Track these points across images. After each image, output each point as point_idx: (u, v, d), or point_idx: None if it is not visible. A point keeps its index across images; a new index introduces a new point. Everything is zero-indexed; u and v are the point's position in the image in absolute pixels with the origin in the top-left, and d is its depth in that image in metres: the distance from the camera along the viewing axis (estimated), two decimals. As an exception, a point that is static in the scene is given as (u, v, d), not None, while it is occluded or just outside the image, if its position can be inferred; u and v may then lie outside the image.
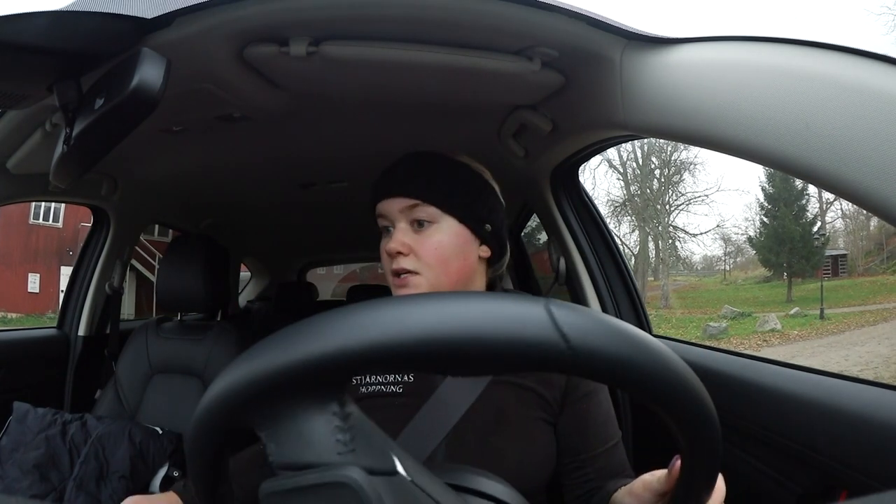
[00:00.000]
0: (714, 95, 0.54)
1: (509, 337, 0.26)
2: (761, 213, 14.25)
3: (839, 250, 13.69)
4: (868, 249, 13.93)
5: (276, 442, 0.30)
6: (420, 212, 0.66)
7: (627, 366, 0.27)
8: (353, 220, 2.17)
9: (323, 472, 0.28)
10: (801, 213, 13.93)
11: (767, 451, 0.69)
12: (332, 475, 0.28)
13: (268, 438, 0.30)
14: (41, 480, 1.00)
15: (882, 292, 11.37)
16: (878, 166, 0.40)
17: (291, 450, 0.29)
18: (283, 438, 0.30)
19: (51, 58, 0.57)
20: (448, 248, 0.66)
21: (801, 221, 13.79)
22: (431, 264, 0.65)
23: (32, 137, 0.93)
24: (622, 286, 1.21)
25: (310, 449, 0.29)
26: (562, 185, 1.20)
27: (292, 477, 0.29)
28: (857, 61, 0.44)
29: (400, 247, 0.66)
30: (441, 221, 0.67)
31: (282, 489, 0.29)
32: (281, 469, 0.30)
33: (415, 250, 0.66)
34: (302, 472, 0.29)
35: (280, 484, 0.29)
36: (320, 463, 0.29)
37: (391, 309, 0.28)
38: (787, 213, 13.72)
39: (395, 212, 0.68)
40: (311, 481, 0.28)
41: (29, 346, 1.43)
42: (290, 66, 0.76)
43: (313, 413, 0.30)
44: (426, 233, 0.66)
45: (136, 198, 1.48)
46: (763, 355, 0.93)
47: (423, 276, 0.65)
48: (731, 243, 15.50)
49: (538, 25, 0.66)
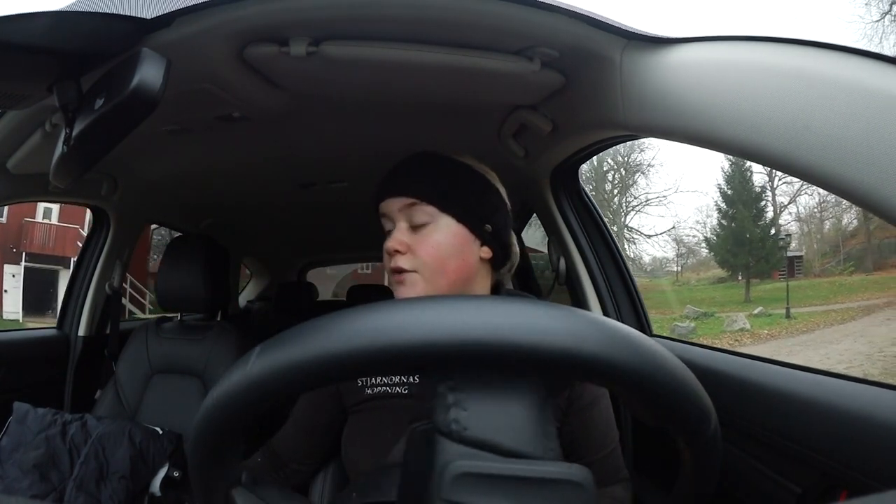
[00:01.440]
0: (714, 95, 0.54)
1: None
2: (719, 214, 14.67)
3: (794, 252, 14.09)
4: (823, 251, 14.32)
5: (472, 411, 0.29)
6: (418, 211, 0.66)
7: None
8: (353, 220, 2.17)
9: (542, 466, 0.27)
10: (759, 215, 14.33)
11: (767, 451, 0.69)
12: (561, 472, 0.27)
13: (459, 400, 0.29)
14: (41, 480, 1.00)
15: (842, 292, 11.65)
16: (878, 166, 0.40)
17: (495, 428, 0.28)
18: (483, 412, 0.29)
19: (51, 58, 0.57)
20: (445, 248, 0.66)
21: (760, 223, 14.18)
22: (428, 263, 0.65)
23: (32, 137, 0.93)
24: (622, 286, 1.21)
25: (517, 435, 0.28)
26: (562, 185, 1.20)
27: (499, 461, 0.27)
28: (857, 61, 0.44)
29: (398, 245, 0.66)
30: (439, 221, 0.66)
31: (489, 473, 0.27)
32: (469, 443, 0.28)
33: (413, 249, 0.66)
34: (505, 458, 0.28)
35: (490, 467, 0.27)
36: (528, 455, 0.28)
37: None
38: (747, 214, 14.07)
39: (395, 211, 0.68)
40: (536, 474, 0.27)
41: (29, 346, 1.43)
42: (290, 66, 0.76)
43: (532, 400, 0.29)
44: (424, 232, 0.66)
45: (136, 198, 1.48)
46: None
47: (420, 275, 0.66)
48: (684, 245, 15.98)
49: (538, 25, 0.66)
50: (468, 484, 0.27)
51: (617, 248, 1.23)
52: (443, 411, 0.29)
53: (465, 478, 0.27)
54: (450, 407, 0.29)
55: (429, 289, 0.65)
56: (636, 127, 0.69)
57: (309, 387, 0.29)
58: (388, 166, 0.72)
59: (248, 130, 1.07)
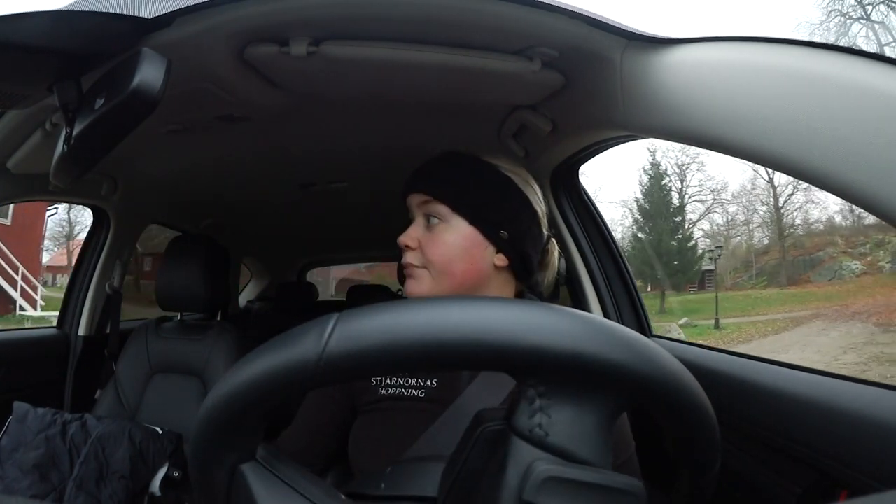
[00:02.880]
0: (714, 96, 0.54)
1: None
2: (636, 226, 15.43)
3: (706, 266, 14.77)
4: (734, 266, 15.16)
5: (555, 418, 0.30)
6: (431, 208, 0.66)
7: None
8: (354, 220, 2.17)
9: (609, 475, 0.29)
10: (676, 228, 15.12)
11: (767, 451, 0.69)
12: (619, 481, 0.29)
13: (544, 406, 0.30)
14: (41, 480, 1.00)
15: (759, 305, 12.31)
16: (878, 167, 0.40)
17: (573, 436, 0.30)
18: (564, 420, 0.30)
19: (51, 58, 0.57)
20: (453, 249, 0.65)
21: (677, 236, 14.92)
22: (434, 262, 0.65)
23: (32, 137, 0.93)
24: (622, 287, 1.21)
25: (590, 445, 0.30)
26: (562, 186, 1.20)
27: (579, 468, 0.29)
28: (857, 62, 0.44)
29: (409, 241, 0.67)
30: (451, 221, 0.65)
31: (572, 479, 0.29)
32: (549, 450, 0.30)
33: (423, 246, 0.66)
34: (581, 466, 0.29)
35: (569, 472, 0.29)
36: (596, 464, 0.30)
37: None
38: (665, 227, 14.79)
39: (414, 206, 0.69)
40: (600, 481, 0.29)
41: (29, 346, 1.43)
42: (290, 66, 0.76)
43: (607, 413, 0.31)
44: (435, 230, 0.66)
45: (136, 198, 1.48)
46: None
47: (427, 272, 0.66)
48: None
49: (538, 25, 0.66)
50: (553, 488, 0.28)
51: (617, 248, 1.23)
52: (526, 415, 0.31)
53: (551, 482, 0.28)
54: (535, 412, 0.30)
55: (435, 287, 0.65)
56: (636, 127, 0.69)
57: (406, 369, 0.30)
58: (389, 166, 0.72)
59: (249, 130, 1.07)
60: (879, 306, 10.27)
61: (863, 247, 13.60)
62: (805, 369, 0.70)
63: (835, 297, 11.68)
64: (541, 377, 0.31)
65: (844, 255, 13.52)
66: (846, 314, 10.37)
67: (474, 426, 0.34)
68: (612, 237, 1.23)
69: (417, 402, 0.64)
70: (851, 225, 14.61)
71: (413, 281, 0.67)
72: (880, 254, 13.09)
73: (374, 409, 0.66)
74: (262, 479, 0.32)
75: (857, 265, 13.12)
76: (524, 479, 0.29)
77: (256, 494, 0.32)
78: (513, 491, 0.29)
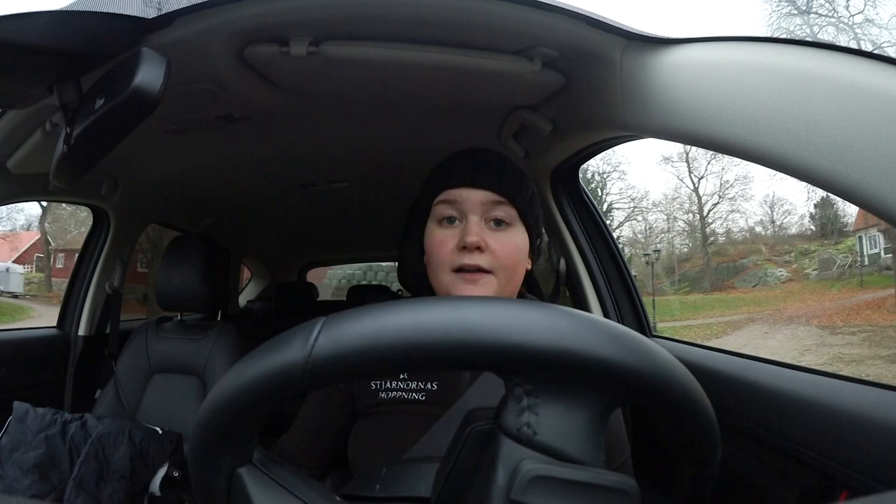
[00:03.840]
0: (714, 95, 0.54)
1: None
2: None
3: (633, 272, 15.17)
4: (656, 273, 15.48)
5: (543, 417, 0.30)
6: (502, 211, 0.63)
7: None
8: (354, 220, 2.16)
9: (601, 474, 0.29)
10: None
11: (767, 451, 0.69)
12: (610, 479, 0.28)
13: (532, 405, 0.30)
14: (41, 480, 1.00)
15: (688, 310, 12.78)
16: (878, 166, 0.40)
17: (562, 434, 0.30)
18: (553, 418, 0.30)
19: (51, 58, 0.57)
20: (520, 253, 0.64)
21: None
22: (507, 266, 0.62)
23: (32, 137, 0.93)
24: (622, 287, 1.21)
25: (580, 443, 0.30)
26: (562, 186, 1.20)
27: (567, 467, 0.29)
28: (857, 61, 0.44)
29: (480, 242, 0.61)
30: (517, 226, 0.65)
31: (560, 478, 0.28)
32: (537, 448, 0.29)
33: (491, 248, 0.62)
34: (569, 464, 0.29)
35: (557, 471, 0.29)
36: (587, 463, 0.29)
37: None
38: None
39: (476, 203, 0.63)
40: (590, 479, 0.28)
41: (29, 346, 1.43)
42: (290, 66, 0.76)
43: (597, 411, 0.30)
44: (505, 233, 0.63)
45: (136, 198, 1.48)
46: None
47: (495, 277, 0.62)
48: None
49: (538, 25, 0.66)
50: (541, 487, 0.28)
51: (617, 248, 1.23)
52: (514, 414, 0.31)
53: (539, 481, 0.28)
54: (523, 410, 0.30)
55: (500, 293, 0.63)
56: (636, 127, 0.69)
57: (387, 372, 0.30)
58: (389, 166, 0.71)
59: (249, 130, 1.07)
60: (816, 310, 10.60)
61: (787, 255, 14.35)
62: (805, 369, 0.70)
63: (764, 302, 12.07)
64: (527, 375, 0.30)
65: (769, 262, 14.18)
66: (783, 318, 10.62)
67: (464, 426, 0.34)
68: (612, 237, 1.23)
69: (418, 405, 0.64)
70: (774, 234, 15.59)
71: (477, 288, 0.61)
72: (805, 262, 13.82)
73: (375, 412, 0.66)
74: (258, 483, 0.33)
75: (783, 272, 13.78)
76: (512, 479, 0.28)
77: (253, 498, 0.32)
78: (502, 490, 0.28)
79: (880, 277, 11.50)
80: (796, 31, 12.53)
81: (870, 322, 8.99)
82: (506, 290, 0.64)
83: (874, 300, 10.03)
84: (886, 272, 11.60)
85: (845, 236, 14.01)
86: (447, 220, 0.64)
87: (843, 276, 12.51)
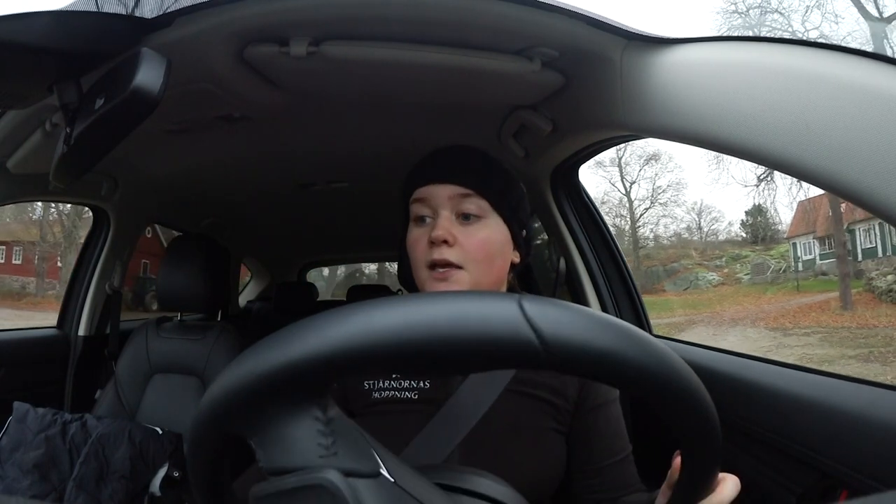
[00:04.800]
0: (714, 95, 0.54)
1: (480, 336, 0.26)
2: None
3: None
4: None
5: (263, 448, 0.30)
6: (471, 203, 0.63)
7: (610, 359, 0.27)
8: (354, 220, 2.17)
9: (302, 476, 0.29)
10: (536, 234, 15.78)
11: (767, 451, 0.69)
12: (310, 478, 0.28)
13: (257, 445, 0.30)
14: (41, 480, 1.00)
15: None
16: (878, 166, 0.40)
17: (278, 454, 0.30)
18: (269, 444, 0.30)
19: (51, 58, 0.57)
20: (494, 246, 0.63)
21: (537, 242, 15.63)
22: (478, 259, 0.62)
23: (32, 137, 0.93)
24: (622, 286, 1.21)
25: (293, 453, 0.30)
26: (562, 186, 1.20)
27: (276, 481, 0.29)
28: (858, 61, 0.44)
29: (447, 235, 0.61)
30: (489, 218, 0.64)
31: (265, 493, 0.29)
32: (270, 474, 0.30)
33: (460, 242, 0.62)
34: (286, 475, 0.29)
35: (264, 488, 0.30)
36: (304, 467, 0.29)
37: (363, 312, 0.28)
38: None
39: (444, 198, 0.63)
40: (292, 485, 0.29)
41: (29, 346, 1.43)
42: (290, 66, 0.76)
43: (296, 418, 0.30)
44: (474, 226, 0.63)
45: (136, 198, 1.48)
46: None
47: (466, 272, 0.62)
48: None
49: (538, 25, 0.66)
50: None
51: (617, 248, 1.24)
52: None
53: (254, 502, 0.30)
54: (257, 453, 0.31)
55: (472, 288, 0.62)
56: (636, 127, 0.69)
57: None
58: (389, 166, 0.71)
59: (249, 130, 1.07)
60: (758, 312, 10.69)
61: (718, 259, 14.79)
62: (805, 369, 0.70)
63: (699, 304, 12.30)
64: (234, 425, 0.31)
65: (700, 266, 14.54)
66: (724, 320, 10.68)
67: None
68: (612, 237, 1.23)
69: (411, 404, 0.64)
70: (703, 240, 16.05)
71: (448, 285, 0.61)
72: (737, 266, 14.24)
73: (369, 412, 0.66)
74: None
75: (714, 276, 14.16)
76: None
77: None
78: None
79: (816, 282, 11.87)
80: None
81: (819, 324, 9.11)
82: (482, 285, 0.63)
83: (816, 303, 10.17)
84: (822, 277, 12.07)
85: (778, 242, 14.49)
86: (421, 218, 0.65)
87: (777, 280, 12.90)
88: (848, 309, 9.35)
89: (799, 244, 13.32)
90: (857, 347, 7.59)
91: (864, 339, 7.85)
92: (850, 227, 11.26)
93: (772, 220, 15.11)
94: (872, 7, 9.57)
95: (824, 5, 10.54)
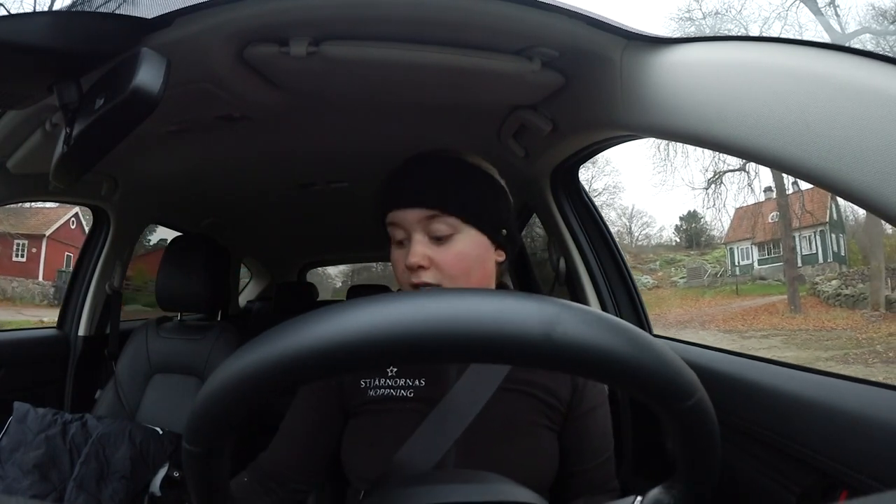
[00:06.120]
0: (714, 95, 0.54)
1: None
2: None
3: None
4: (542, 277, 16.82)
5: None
6: (440, 223, 0.63)
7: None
8: (354, 220, 2.16)
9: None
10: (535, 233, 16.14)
11: (767, 451, 0.69)
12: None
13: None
14: (41, 480, 1.00)
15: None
16: (878, 166, 0.40)
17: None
18: None
19: (51, 58, 0.57)
20: (469, 258, 0.64)
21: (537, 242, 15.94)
22: (455, 276, 0.63)
23: (32, 137, 0.93)
24: (622, 286, 1.21)
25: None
26: (562, 185, 1.20)
27: None
28: (858, 61, 0.44)
29: (422, 260, 0.62)
30: (461, 231, 0.64)
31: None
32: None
33: (436, 262, 0.63)
34: None
35: None
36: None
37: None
38: None
39: (412, 222, 0.63)
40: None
41: (29, 346, 1.43)
42: (290, 66, 0.76)
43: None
44: (447, 244, 0.63)
45: (136, 198, 1.48)
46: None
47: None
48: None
49: (538, 25, 0.66)
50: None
51: (617, 247, 1.23)
52: None
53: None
54: None
55: None
56: (636, 127, 0.69)
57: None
58: (389, 166, 0.70)
59: (249, 130, 1.07)
60: (704, 315, 10.81)
61: (652, 263, 15.23)
62: (805, 369, 0.70)
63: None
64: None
65: (634, 269, 15.03)
66: (668, 322, 10.73)
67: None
68: (612, 237, 1.23)
69: (407, 402, 0.64)
70: (635, 244, 16.51)
71: None
72: (672, 270, 14.72)
73: (364, 411, 0.66)
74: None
75: (649, 279, 14.56)
76: None
77: None
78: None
79: (755, 286, 12.12)
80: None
81: (774, 326, 9.15)
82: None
83: (762, 306, 10.21)
84: (760, 281, 12.40)
85: (713, 247, 14.73)
86: (398, 242, 0.66)
87: (714, 284, 13.12)
88: (798, 312, 9.47)
89: (736, 249, 13.54)
90: (829, 349, 7.62)
91: (829, 342, 7.89)
92: (790, 233, 11.43)
93: (707, 226, 15.42)
94: (836, 23, 9.61)
95: (785, 17, 10.55)
